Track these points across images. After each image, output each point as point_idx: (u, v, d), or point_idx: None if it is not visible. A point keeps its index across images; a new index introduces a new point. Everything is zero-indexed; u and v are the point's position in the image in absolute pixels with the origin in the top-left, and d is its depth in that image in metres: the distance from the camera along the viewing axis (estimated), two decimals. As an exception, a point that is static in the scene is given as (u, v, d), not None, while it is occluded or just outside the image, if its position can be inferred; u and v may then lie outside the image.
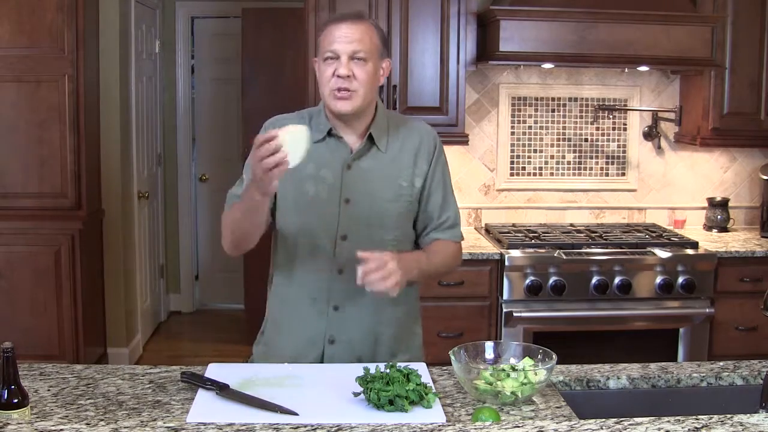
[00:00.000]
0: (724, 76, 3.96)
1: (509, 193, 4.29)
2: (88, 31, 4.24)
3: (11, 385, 1.59)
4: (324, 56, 2.05)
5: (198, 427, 1.58)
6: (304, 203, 2.11)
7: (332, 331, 2.13)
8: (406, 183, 2.14)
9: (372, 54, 2.05)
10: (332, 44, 2.03)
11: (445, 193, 2.22)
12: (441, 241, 2.21)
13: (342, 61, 2.02)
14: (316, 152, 2.07)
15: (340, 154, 2.11)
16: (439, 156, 2.20)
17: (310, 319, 2.13)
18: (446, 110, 3.88)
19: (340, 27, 2.04)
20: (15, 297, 4.16)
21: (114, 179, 4.68)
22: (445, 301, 3.68)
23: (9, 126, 4.14)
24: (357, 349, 2.14)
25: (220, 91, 6.13)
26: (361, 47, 2.02)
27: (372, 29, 2.07)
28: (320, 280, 2.12)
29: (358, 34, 2.03)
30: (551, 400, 1.83)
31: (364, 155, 2.12)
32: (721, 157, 4.35)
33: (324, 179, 2.10)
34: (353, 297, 2.10)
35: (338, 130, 2.12)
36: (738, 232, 4.24)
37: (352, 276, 2.05)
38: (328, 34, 2.05)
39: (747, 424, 1.55)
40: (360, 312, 2.13)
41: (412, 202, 2.16)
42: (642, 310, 3.69)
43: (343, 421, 1.61)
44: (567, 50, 3.68)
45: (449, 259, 2.24)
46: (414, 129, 2.20)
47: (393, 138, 2.15)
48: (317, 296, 2.12)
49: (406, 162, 2.15)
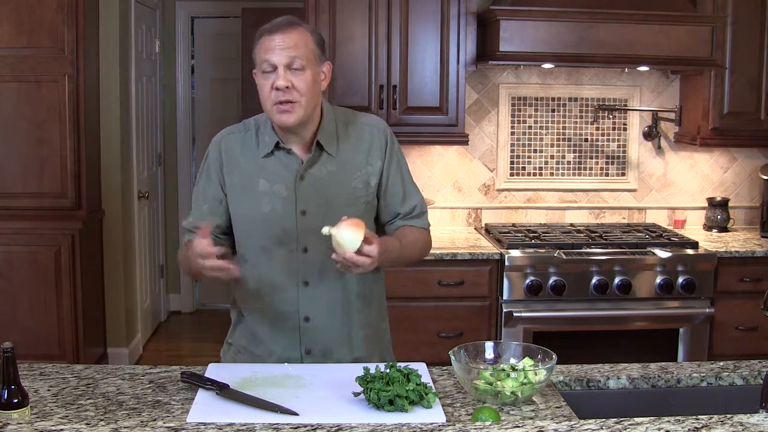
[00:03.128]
0: (724, 76, 3.96)
1: (509, 193, 4.29)
2: (88, 31, 4.24)
3: (11, 385, 1.59)
4: (261, 69, 2.00)
5: (198, 427, 1.58)
6: (261, 220, 2.08)
7: (306, 343, 2.12)
8: (361, 184, 2.11)
9: (309, 60, 1.99)
10: (267, 56, 1.97)
11: (404, 185, 2.18)
12: (410, 227, 2.18)
13: (279, 72, 1.96)
14: (266, 167, 2.07)
15: (291, 165, 2.07)
16: (392, 149, 2.16)
17: (284, 333, 2.12)
18: (446, 110, 3.88)
19: (273, 38, 1.98)
20: (15, 297, 4.16)
21: (114, 179, 4.68)
22: (445, 301, 3.68)
23: (9, 126, 4.14)
24: (335, 355, 2.13)
25: (220, 91, 6.13)
26: (297, 54, 1.97)
27: (306, 34, 2.02)
28: (287, 294, 2.10)
29: (292, 42, 1.97)
30: (551, 400, 1.83)
31: (315, 163, 2.08)
32: (721, 157, 4.35)
33: (278, 194, 2.06)
34: (322, 307, 2.10)
35: (286, 142, 2.07)
36: (738, 232, 4.24)
37: (318, 287, 2.08)
38: (262, 45, 2.00)
39: (747, 424, 1.55)
40: (332, 320, 2.12)
41: (369, 202, 2.13)
42: (642, 310, 3.69)
43: (343, 421, 1.61)
44: (567, 50, 3.68)
45: (423, 246, 2.22)
46: (364, 125, 2.15)
47: (343, 140, 2.11)
48: (287, 310, 2.10)
49: (359, 162, 2.11)
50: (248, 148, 2.11)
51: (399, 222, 2.18)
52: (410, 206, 2.18)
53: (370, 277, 2.13)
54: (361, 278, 2.11)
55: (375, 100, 3.82)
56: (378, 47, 3.82)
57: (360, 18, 3.81)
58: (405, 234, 2.15)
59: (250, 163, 2.09)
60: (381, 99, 3.83)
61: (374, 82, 3.83)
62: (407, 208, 2.18)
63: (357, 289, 2.13)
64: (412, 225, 2.19)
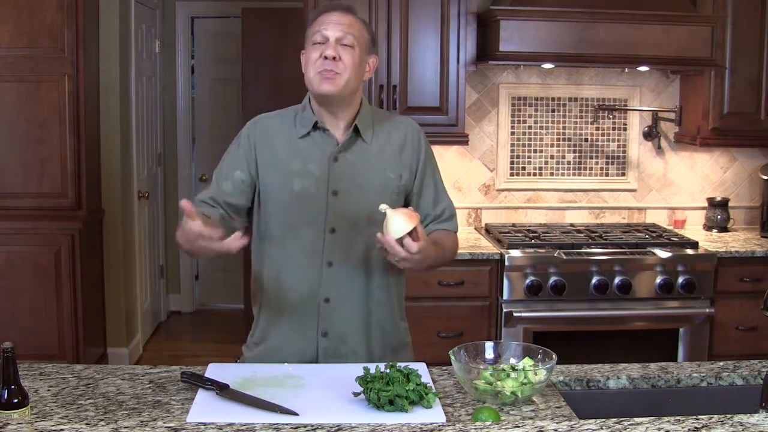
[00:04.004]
0: (724, 76, 3.96)
1: (509, 193, 4.29)
2: (88, 31, 4.24)
3: (11, 385, 1.59)
4: (312, 41, 2.06)
5: (198, 427, 1.58)
6: (291, 199, 2.10)
7: (324, 324, 2.12)
8: (393, 175, 2.14)
9: (360, 43, 2.06)
10: (321, 29, 2.05)
11: (436, 187, 2.23)
12: (442, 231, 2.21)
13: (330, 43, 2.03)
14: (301, 148, 2.10)
15: (326, 146, 2.11)
16: (426, 150, 2.21)
17: (302, 313, 2.13)
18: (446, 110, 3.88)
19: (331, 15, 2.06)
20: (15, 297, 4.16)
21: (114, 179, 4.68)
22: (445, 301, 3.68)
23: (9, 126, 4.14)
24: (350, 342, 2.14)
25: (220, 91, 6.13)
26: (350, 33, 2.04)
27: (361, 23, 2.10)
28: (310, 273, 2.11)
29: (348, 22, 2.06)
30: (551, 400, 1.83)
31: (351, 147, 2.12)
32: (721, 157, 4.35)
33: (311, 173, 2.09)
34: (344, 289, 2.12)
35: (324, 123, 2.11)
36: (738, 232, 4.24)
37: (341, 269, 2.09)
38: (318, 20, 2.08)
39: (747, 424, 1.55)
40: (351, 303, 2.13)
41: (399, 194, 2.16)
42: (642, 310, 3.69)
43: (343, 421, 1.61)
44: (567, 50, 3.68)
45: (454, 252, 2.25)
46: (399, 123, 2.21)
47: (378, 130, 2.16)
48: (308, 290, 2.12)
49: (392, 153, 2.15)
50: (285, 131, 2.14)
51: (431, 226, 2.20)
52: (441, 209, 2.22)
53: (395, 271, 2.15)
54: (385, 270, 2.13)
55: (375, 99, 3.82)
56: (378, 47, 3.81)
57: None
58: (443, 241, 2.17)
59: (285, 144, 2.12)
60: (381, 99, 3.83)
61: (374, 82, 3.83)
62: (439, 210, 2.22)
63: (379, 279, 2.14)
64: (445, 229, 2.22)
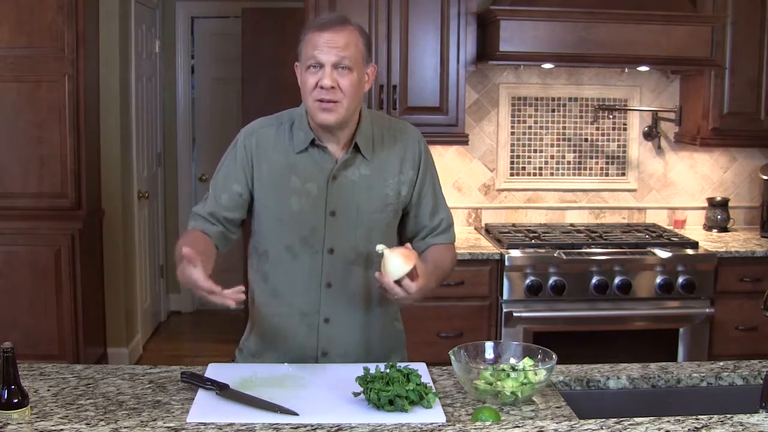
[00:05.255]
0: (724, 76, 3.96)
1: (509, 193, 4.28)
2: (88, 31, 4.24)
3: (11, 385, 1.60)
4: (306, 64, 1.96)
5: (198, 427, 1.58)
6: (289, 218, 2.05)
7: (324, 344, 2.10)
8: (392, 192, 2.09)
9: (357, 62, 1.95)
10: (315, 53, 1.93)
11: (435, 198, 2.17)
12: (438, 246, 2.17)
13: (326, 71, 1.92)
14: (298, 164, 2.04)
15: (324, 164, 2.04)
16: (426, 159, 2.15)
17: (302, 334, 2.09)
18: (446, 110, 3.88)
19: (323, 35, 1.93)
20: (15, 297, 4.16)
21: (114, 179, 4.68)
22: (445, 301, 3.68)
23: (9, 126, 4.14)
24: (351, 356, 2.11)
25: (220, 91, 6.13)
26: (346, 55, 1.93)
27: (356, 35, 1.97)
28: (309, 295, 2.07)
29: (342, 41, 1.93)
30: (551, 400, 1.83)
31: (350, 165, 2.05)
32: (721, 157, 4.35)
33: (309, 192, 2.03)
34: (344, 310, 2.09)
35: (322, 140, 2.04)
36: (738, 232, 4.24)
37: (341, 290, 2.06)
38: (311, 40, 1.95)
39: (747, 424, 1.55)
40: (352, 323, 2.10)
41: (397, 210, 2.12)
42: (642, 310, 3.69)
43: (343, 421, 1.61)
44: (567, 50, 3.68)
45: (452, 267, 2.22)
46: (399, 132, 2.13)
47: (378, 145, 2.08)
48: (307, 311, 2.08)
49: (392, 170, 2.09)
50: (281, 143, 2.06)
51: (428, 239, 2.17)
52: (438, 220, 2.17)
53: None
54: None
55: (375, 99, 3.82)
56: (378, 47, 3.81)
57: (360, 18, 3.79)
58: (442, 262, 2.13)
59: (282, 159, 2.05)
60: (381, 99, 3.83)
61: (374, 82, 3.83)
62: (435, 222, 2.17)
63: (379, 295, 2.08)
64: (441, 243, 2.18)
